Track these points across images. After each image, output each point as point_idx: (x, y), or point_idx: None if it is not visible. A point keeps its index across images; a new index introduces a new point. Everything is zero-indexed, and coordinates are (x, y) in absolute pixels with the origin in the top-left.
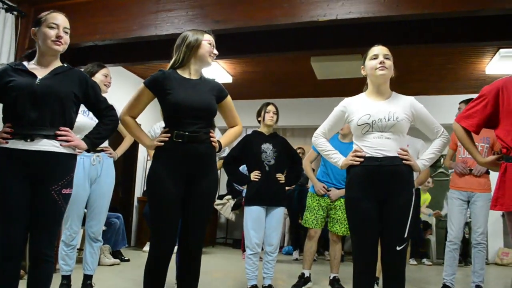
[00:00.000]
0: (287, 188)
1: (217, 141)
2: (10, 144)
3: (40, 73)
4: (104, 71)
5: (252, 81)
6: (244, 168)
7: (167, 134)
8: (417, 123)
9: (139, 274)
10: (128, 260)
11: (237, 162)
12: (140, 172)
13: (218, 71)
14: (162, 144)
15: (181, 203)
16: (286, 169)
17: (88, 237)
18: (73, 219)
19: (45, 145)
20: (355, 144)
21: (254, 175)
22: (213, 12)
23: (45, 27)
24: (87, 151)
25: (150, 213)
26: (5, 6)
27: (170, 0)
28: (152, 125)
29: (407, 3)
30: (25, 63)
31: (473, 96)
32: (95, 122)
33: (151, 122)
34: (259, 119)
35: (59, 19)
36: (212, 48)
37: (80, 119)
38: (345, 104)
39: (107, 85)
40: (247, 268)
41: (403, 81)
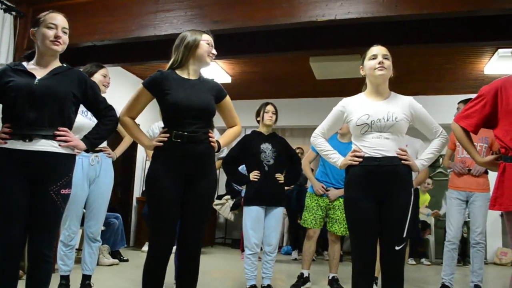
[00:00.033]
0: (286, 188)
1: (216, 141)
2: (9, 145)
3: (39, 74)
4: (103, 71)
5: (251, 81)
6: (244, 168)
7: (166, 134)
8: (416, 123)
9: (138, 274)
10: (127, 260)
11: (236, 162)
12: (139, 172)
13: (217, 71)
14: (161, 144)
15: (180, 203)
16: (285, 169)
17: (87, 237)
18: (72, 219)
19: (44, 145)
20: (354, 144)
21: (253, 175)
22: (212, 12)
23: (44, 28)
24: (86, 151)
25: (149, 213)
26: (4, 7)
27: (169, 1)
28: (151, 125)
29: (406, 3)
30: (25, 64)
31: (472, 96)
32: (94, 123)
33: (150, 122)
34: (258, 119)
35: (58, 19)
36: (211, 48)
37: (79, 120)
38: (344, 104)
39: (106, 86)
40: (246, 268)
41: (402, 81)
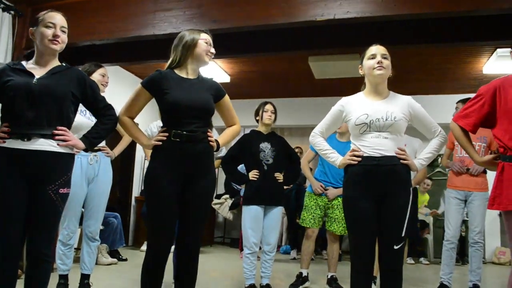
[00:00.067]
0: (285, 188)
1: (215, 141)
2: (7, 144)
3: (38, 73)
4: (102, 71)
5: (250, 81)
6: (243, 168)
7: (165, 134)
8: (415, 123)
9: (137, 274)
10: (126, 260)
11: (236, 162)
12: (138, 172)
13: (216, 71)
14: (160, 144)
15: (179, 203)
16: (284, 169)
17: (86, 237)
18: (71, 219)
19: (42, 145)
20: (353, 144)
21: (253, 175)
22: (211, 12)
23: (42, 27)
24: (85, 151)
25: (148, 212)
26: (2, 6)
27: (168, 0)
28: (149, 124)
29: (405, 3)
30: (24, 63)
31: (471, 96)
32: (93, 122)
33: (148, 122)
34: (257, 118)
35: (56, 18)
36: (209, 47)
37: (78, 119)
38: (343, 104)
39: (105, 85)
40: (245, 268)
41: (401, 81)
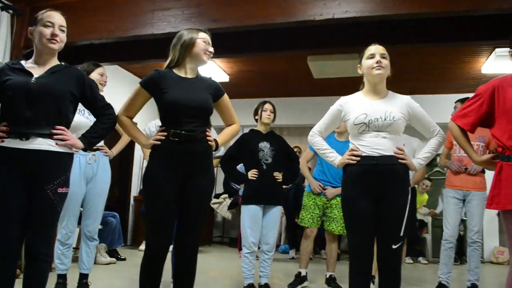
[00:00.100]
0: (284, 187)
1: (214, 140)
2: (6, 143)
3: (37, 72)
4: (100, 70)
5: (249, 80)
6: (243, 168)
7: (164, 133)
8: (413, 122)
9: (135, 273)
10: (124, 259)
11: (234, 161)
12: (137, 171)
13: (215, 70)
14: (159, 143)
15: (178, 202)
16: (284, 168)
17: (84, 236)
18: (69, 218)
19: (41, 144)
20: (351, 143)
21: (252, 174)
22: (210, 11)
23: (41, 26)
24: (84, 150)
25: (146, 212)
26: (1, 5)
27: None
28: (147, 123)
29: (403, 3)
30: (23, 62)
31: (469, 95)
32: (91, 122)
33: (147, 121)
34: (256, 118)
35: (55, 18)
36: (207, 46)
37: (76, 118)
38: (342, 103)
39: (103, 84)
40: (244, 267)
41: (400, 80)
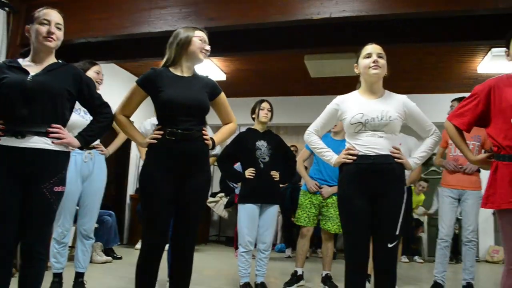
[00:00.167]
0: (281, 186)
1: (210, 139)
2: (1, 141)
3: (34, 70)
4: (96, 68)
5: (246, 79)
6: (240, 167)
7: (160, 132)
8: (409, 122)
9: (131, 272)
10: (120, 258)
11: (232, 160)
12: (133, 170)
13: (212, 69)
14: (155, 142)
15: (174, 201)
16: (281, 167)
17: (80, 235)
18: (65, 217)
19: (36, 142)
20: (348, 142)
21: (249, 173)
22: (207, 10)
23: (37, 24)
24: (80, 149)
25: (142, 210)
26: None
27: None
28: (142, 122)
29: (400, 2)
30: (20, 60)
31: (465, 95)
32: (87, 121)
33: (142, 119)
34: (253, 116)
35: (51, 15)
36: (204, 44)
37: (71, 117)
38: (338, 102)
39: (99, 82)
40: (240, 266)
41: (396, 80)
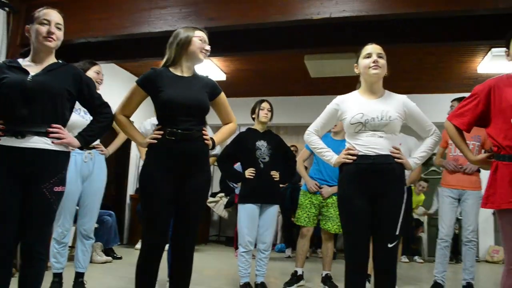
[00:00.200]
0: (281, 186)
1: (211, 139)
2: (1, 141)
3: (34, 70)
4: (96, 68)
5: (246, 79)
6: (240, 167)
7: (160, 132)
8: (409, 122)
9: (131, 272)
10: (120, 258)
11: (232, 160)
12: (133, 170)
13: (212, 69)
14: (155, 142)
15: (174, 201)
16: (281, 167)
17: (80, 235)
18: (65, 217)
19: (36, 142)
20: (348, 142)
21: (249, 173)
22: (207, 10)
23: (37, 24)
24: (80, 149)
25: (142, 210)
26: None
27: None
28: (142, 122)
29: (400, 2)
30: (20, 60)
31: (465, 95)
32: (87, 121)
33: (142, 119)
34: (254, 116)
35: (51, 15)
36: (204, 44)
37: (71, 117)
38: (338, 102)
39: (99, 82)
40: (240, 266)
41: (396, 80)
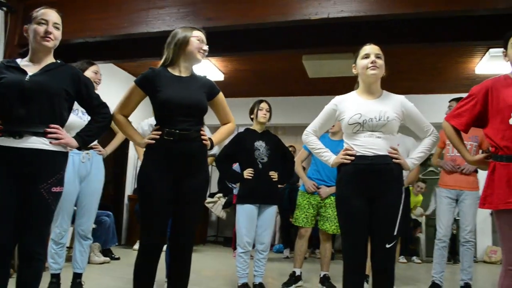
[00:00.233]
0: (279, 186)
1: (209, 139)
2: None
3: (32, 70)
4: (94, 68)
5: (244, 79)
6: (238, 168)
7: (158, 132)
8: (407, 122)
9: (129, 272)
10: (118, 259)
11: (230, 160)
12: (131, 170)
13: (210, 69)
14: (153, 142)
15: (172, 202)
16: (279, 167)
17: (78, 235)
18: (63, 217)
19: (34, 143)
20: (346, 143)
21: (247, 173)
22: (205, 10)
23: (35, 24)
24: (78, 149)
25: (140, 210)
26: None
27: None
28: (140, 122)
29: (399, 2)
30: (18, 60)
31: (464, 95)
32: (84, 121)
33: (140, 120)
34: (252, 117)
35: (49, 15)
36: (201, 44)
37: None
38: (336, 102)
39: (97, 82)
40: (238, 266)
41: (394, 80)
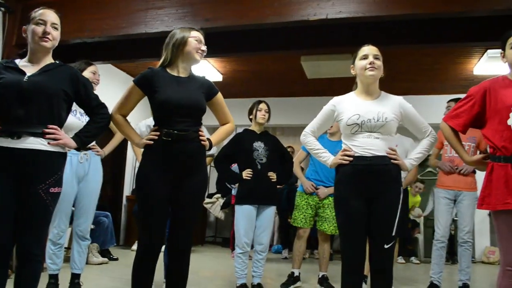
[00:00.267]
0: (277, 187)
1: (208, 139)
2: None
3: (30, 70)
4: (92, 69)
5: (242, 80)
6: (237, 168)
7: (156, 133)
8: (405, 123)
9: (128, 273)
10: (117, 259)
11: (229, 161)
12: (129, 170)
13: (208, 70)
14: (151, 143)
15: (170, 202)
16: (278, 168)
17: (76, 236)
18: (61, 218)
19: (32, 143)
20: (344, 144)
21: (246, 174)
22: (203, 10)
23: (33, 24)
24: (77, 149)
25: (139, 211)
26: None
27: None
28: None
29: (397, 4)
30: (17, 61)
31: (462, 96)
32: (82, 122)
33: (138, 120)
34: (251, 117)
35: (47, 15)
36: (200, 45)
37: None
38: (335, 103)
39: (96, 83)
40: (236, 267)
41: (392, 81)
